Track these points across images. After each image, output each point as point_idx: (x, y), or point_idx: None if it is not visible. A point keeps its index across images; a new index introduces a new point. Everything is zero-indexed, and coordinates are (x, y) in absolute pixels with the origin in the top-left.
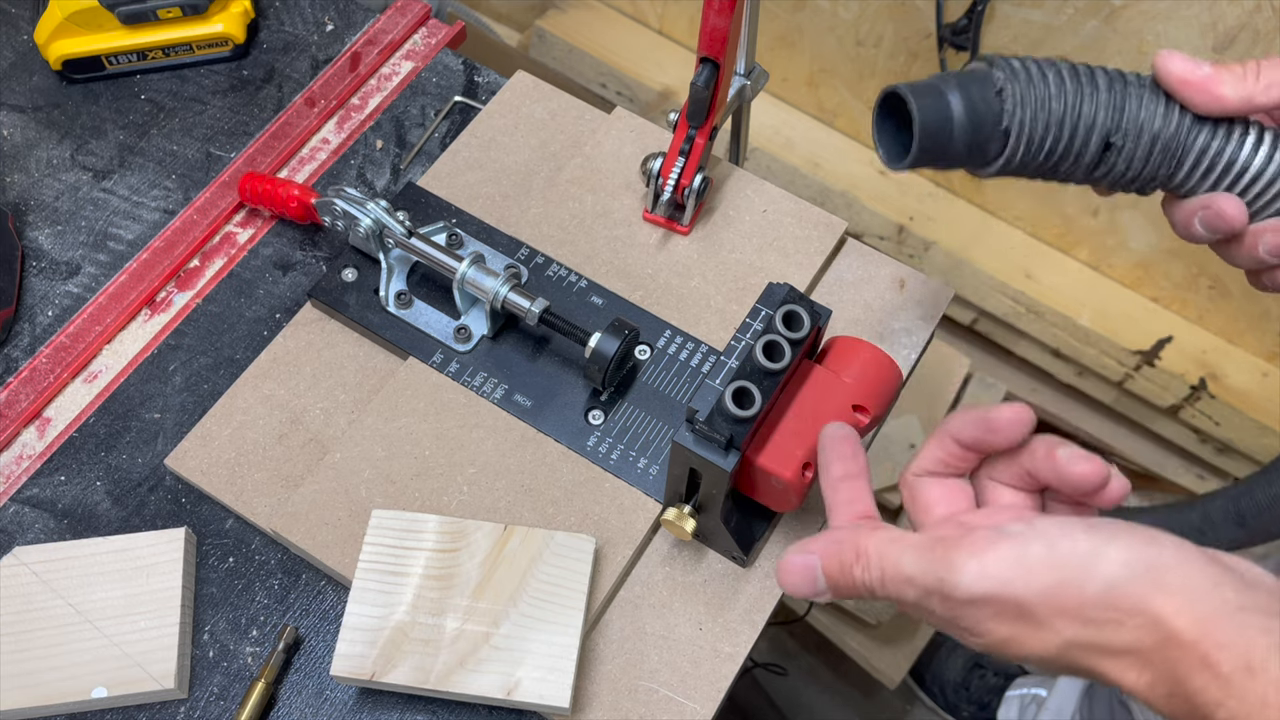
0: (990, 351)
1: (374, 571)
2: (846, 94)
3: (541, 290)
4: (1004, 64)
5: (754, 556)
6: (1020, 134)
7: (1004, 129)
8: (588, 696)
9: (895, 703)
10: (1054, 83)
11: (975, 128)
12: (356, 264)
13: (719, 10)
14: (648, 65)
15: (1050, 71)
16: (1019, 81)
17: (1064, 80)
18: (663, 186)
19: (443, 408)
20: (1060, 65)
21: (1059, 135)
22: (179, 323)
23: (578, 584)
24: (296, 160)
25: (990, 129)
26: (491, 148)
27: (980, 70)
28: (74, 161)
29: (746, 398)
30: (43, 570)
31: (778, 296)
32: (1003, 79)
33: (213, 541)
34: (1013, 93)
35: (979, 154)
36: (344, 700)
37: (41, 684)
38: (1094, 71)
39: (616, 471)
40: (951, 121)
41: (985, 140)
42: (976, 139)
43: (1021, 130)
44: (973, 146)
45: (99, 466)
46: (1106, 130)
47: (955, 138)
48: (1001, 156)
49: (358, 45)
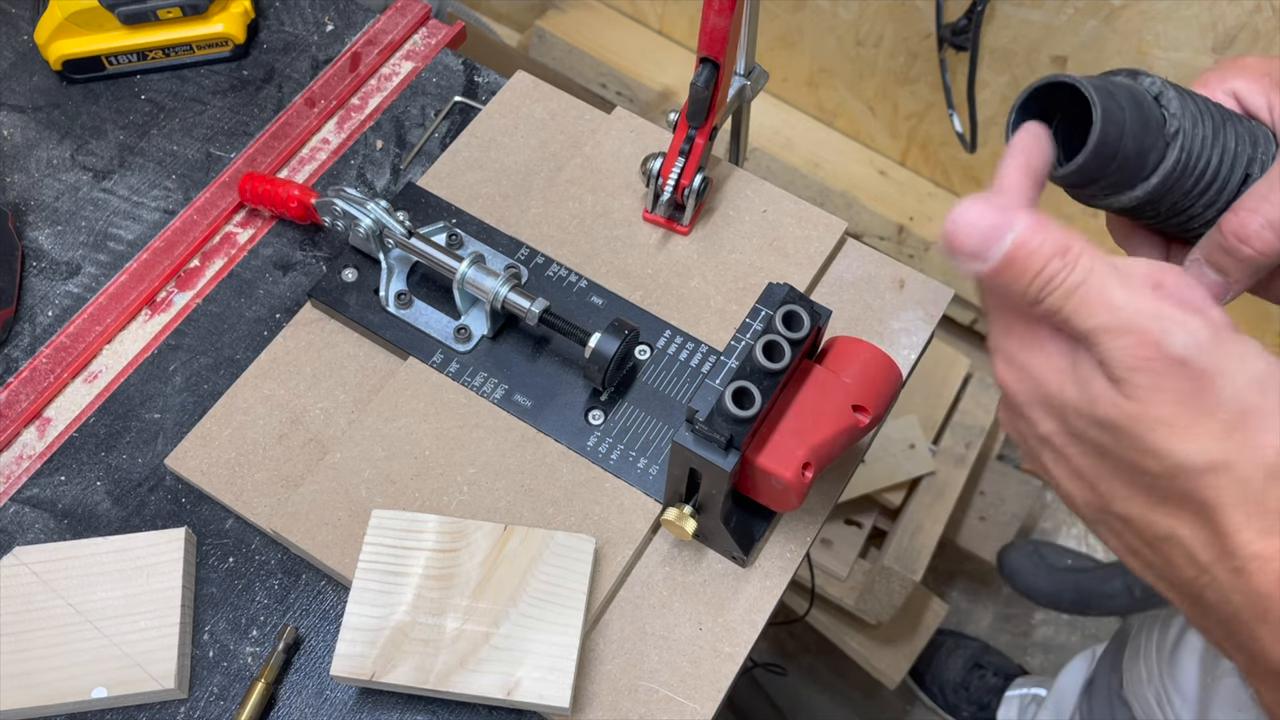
0: None
1: (374, 571)
2: (846, 94)
3: (541, 290)
4: (1147, 74)
5: (754, 556)
6: (1184, 143)
7: (1169, 132)
8: (588, 696)
9: (895, 703)
10: (1197, 100)
11: (1143, 129)
12: (356, 264)
13: (719, 10)
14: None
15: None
16: (1171, 89)
17: (1202, 101)
18: (663, 186)
19: (443, 408)
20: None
21: (1212, 156)
22: (179, 323)
23: (578, 584)
24: (296, 160)
25: (1155, 133)
26: (491, 148)
27: (1123, 77)
28: (74, 161)
29: (746, 398)
30: (43, 570)
31: (778, 296)
32: (1159, 85)
33: (213, 541)
34: (1170, 98)
35: (1139, 164)
36: (344, 700)
37: (41, 684)
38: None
39: (616, 471)
40: (1124, 120)
41: (1148, 148)
42: (1142, 145)
43: (1184, 139)
44: (1138, 154)
45: (99, 466)
46: (1248, 159)
47: (1125, 140)
48: (1161, 167)
49: (358, 45)
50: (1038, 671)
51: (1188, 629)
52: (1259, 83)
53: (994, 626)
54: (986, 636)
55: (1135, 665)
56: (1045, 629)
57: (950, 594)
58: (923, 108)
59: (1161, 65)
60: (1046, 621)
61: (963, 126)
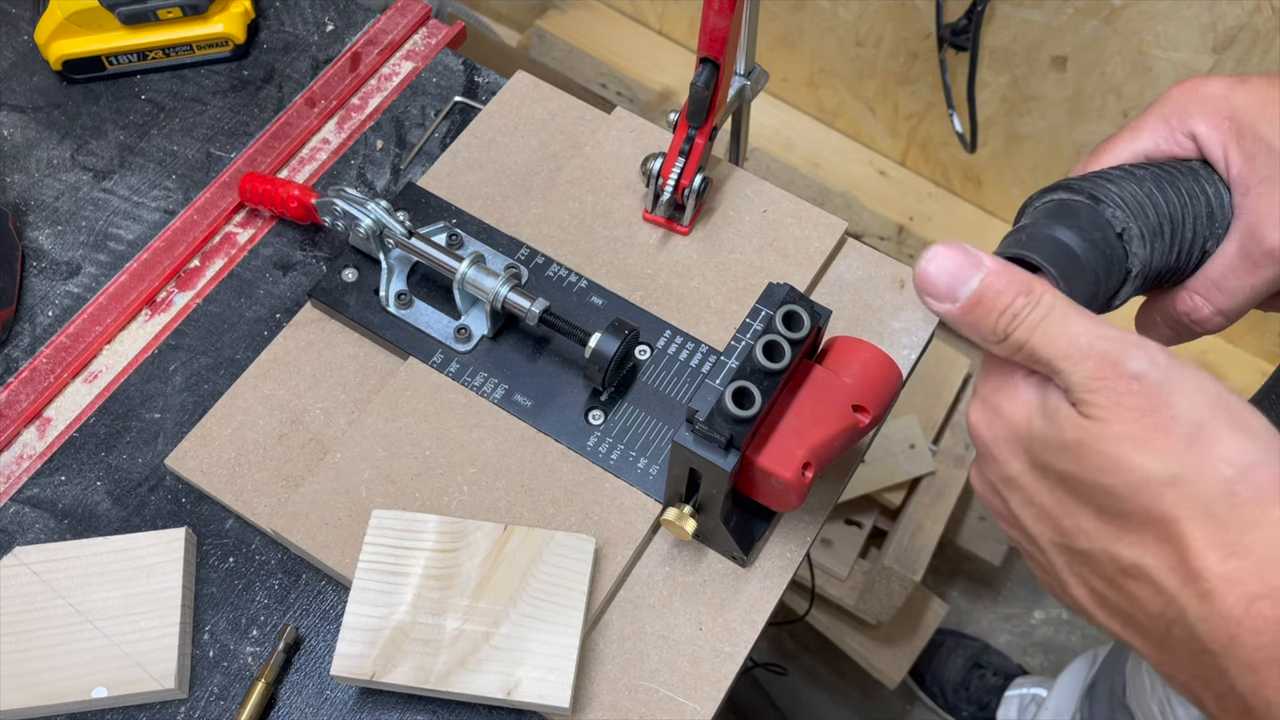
0: None
1: (374, 571)
2: (846, 94)
3: (541, 290)
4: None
5: (754, 556)
6: (1144, 271)
7: (1130, 266)
8: (588, 696)
9: (895, 703)
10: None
11: (1106, 273)
12: (356, 264)
13: (719, 10)
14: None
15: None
16: (1134, 223)
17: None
18: (663, 186)
19: (443, 408)
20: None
21: (1170, 257)
22: (179, 323)
23: (578, 584)
24: (296, 160)
25: (1118, 270)
26: (491, 148)
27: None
28: (74, 161)
29: (746, 398)
30: (43, 570)
31: (778, 296)
32: (1122, 220)
33: (213, 541)
34: (1132, 236)
35: (1105, 299)
36: (344, 700)
37: (41, 684)
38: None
39: (616, 471)
40: (1082, 264)
41: (1113, 286)
42: (1107, 285)
43: (1146, 268)
44: (1105, 294)
45: (99, 466)
46: (1204, 240)
47: (1095, 288)
48: (1121, 294)
49: (358, 45)
50: (1038, 671)
51: None
52: (1218, 129)
53: (994, 626)
54: (986, 636)
55: (1139, 673)
56: (1045, 629)
57: (950, 594)
58: (923, 108)
59: (1162, 65)
60: (1047, 622)
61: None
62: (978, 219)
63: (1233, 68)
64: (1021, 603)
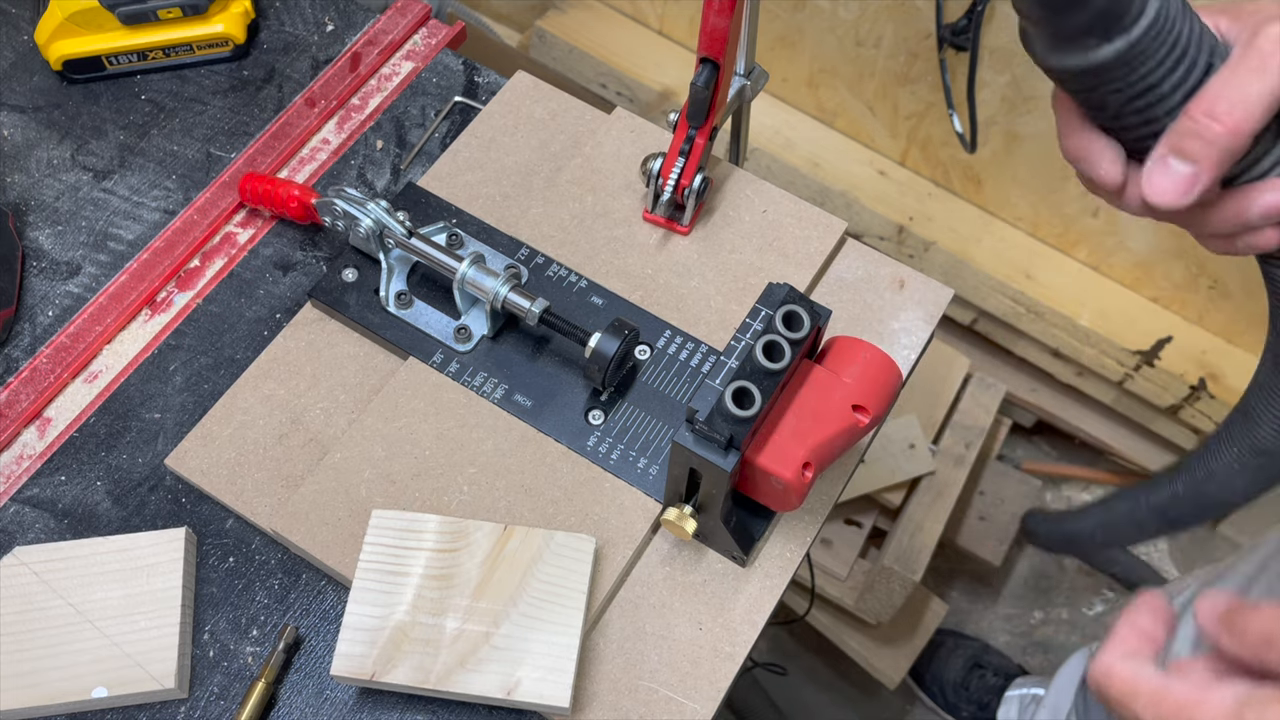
0: (990, 351)
1: (374, 571)
2: (846, 94)
3: (541, 290)
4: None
5: (754, 556)
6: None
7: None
8: (588, 696)
9: (895, 703)
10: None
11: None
12: (357, 264)
13: (719, 10)
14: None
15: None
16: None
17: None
18: (663, 186)
19: (443, 408)
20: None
21: (1184, 27)
22: (179, 323)
23: (578, 584)
24: (297, 160)
25: None
26: (491, 148)
27: None
28: (74, 161)
29: (746, 398)
30: (43, 570)
31: (778, 296)
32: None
33: (213, 541)
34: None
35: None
36: (344, 700)
37: (41, 684)
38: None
39: (616, 471)
40: None
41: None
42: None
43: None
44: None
45: (99, 466)
46: (1210, 48)
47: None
48: (1143, 17)
49: (358, 45)
50: (1038, 671)
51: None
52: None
53: (994, 626)
54: (986, 636)
55: None
56: (1045, 629)
57: (950, 594)
58: (923, 108)
59: None
60: (1047, 622)
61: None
62: (978, 219)
63: None
64: (1021, 603)
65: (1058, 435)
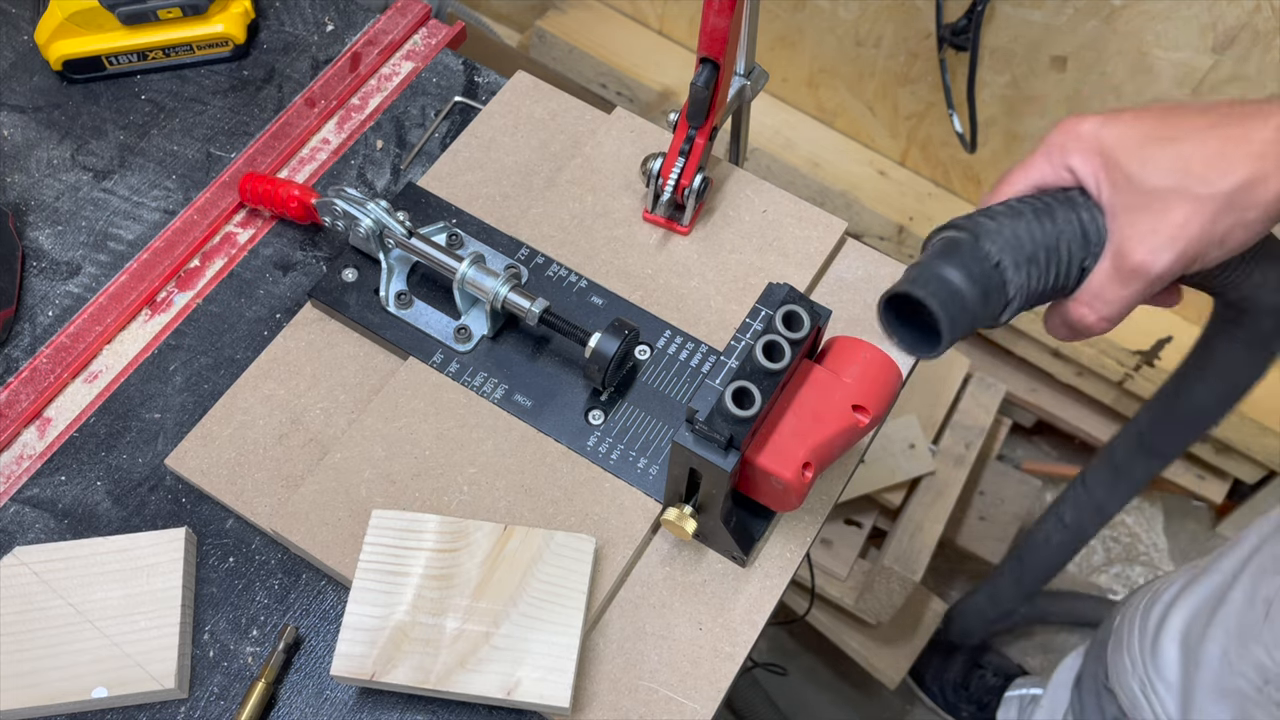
0: (990, 351)
1: (374, 571)
2: (846, 94)
3: (541, 290)
4: (988, 235)
5: (754, 556)
6: (1021, 296)
7: (1009, 295)
8: (588, 696)
9: (895, 703)
10: (1034, 226)
11: (984, 301)
12: (357, 264)
13: (719, 10)
14: (648, 65)
15: (1023, 225)
16: (1007, 254)
17: (1039, 222)
18: (663, 186)
19: (443, 408)
20: (1025, 209)
21: (1048, 281)
22: (179, 323)
23: (578, 584)
24: (297, 160)
25: (997, 297)
26: (491, 148)
27: (965, 241)
28: (74, 162)
29: (746, 398)
30: (43, 570)
31: (778, 296)
32: (996, 252)
33: (213, 541)
34: (1006, 266)
35: (990, 319)
36: (344, 700)
37: (41, 684)
38: (1052, 207)
39: (616, 471)
40: (969, 306)
41: (994, 309)
42: (988, 309)
43: (1022, 295)
44: (986, 317)
45: (99, 466)
46: (1081, 260)
47: (971, 318)
48: (1006, 312)
49: (358, 45)
50: (1037, 671)
51: (1168, 616)
52: (1090, 163)
53: None
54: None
55: (1119, 656)
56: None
57: (950, 594)
58: (923, 108)
59: (1162, 65)
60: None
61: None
62: None
63: (1233, 68)
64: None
65: (1058, 435)
